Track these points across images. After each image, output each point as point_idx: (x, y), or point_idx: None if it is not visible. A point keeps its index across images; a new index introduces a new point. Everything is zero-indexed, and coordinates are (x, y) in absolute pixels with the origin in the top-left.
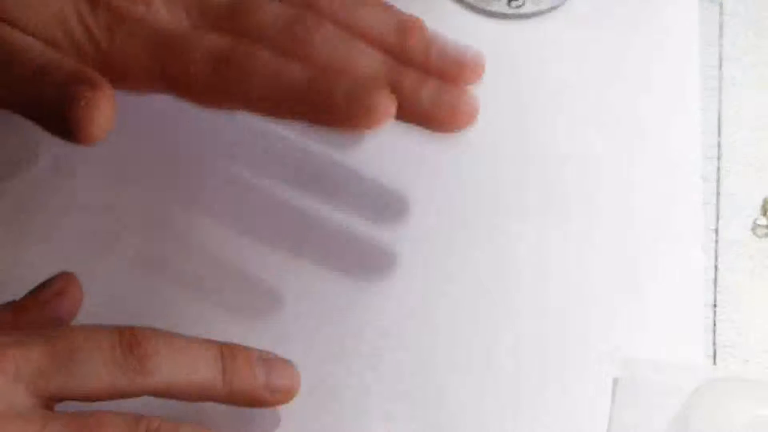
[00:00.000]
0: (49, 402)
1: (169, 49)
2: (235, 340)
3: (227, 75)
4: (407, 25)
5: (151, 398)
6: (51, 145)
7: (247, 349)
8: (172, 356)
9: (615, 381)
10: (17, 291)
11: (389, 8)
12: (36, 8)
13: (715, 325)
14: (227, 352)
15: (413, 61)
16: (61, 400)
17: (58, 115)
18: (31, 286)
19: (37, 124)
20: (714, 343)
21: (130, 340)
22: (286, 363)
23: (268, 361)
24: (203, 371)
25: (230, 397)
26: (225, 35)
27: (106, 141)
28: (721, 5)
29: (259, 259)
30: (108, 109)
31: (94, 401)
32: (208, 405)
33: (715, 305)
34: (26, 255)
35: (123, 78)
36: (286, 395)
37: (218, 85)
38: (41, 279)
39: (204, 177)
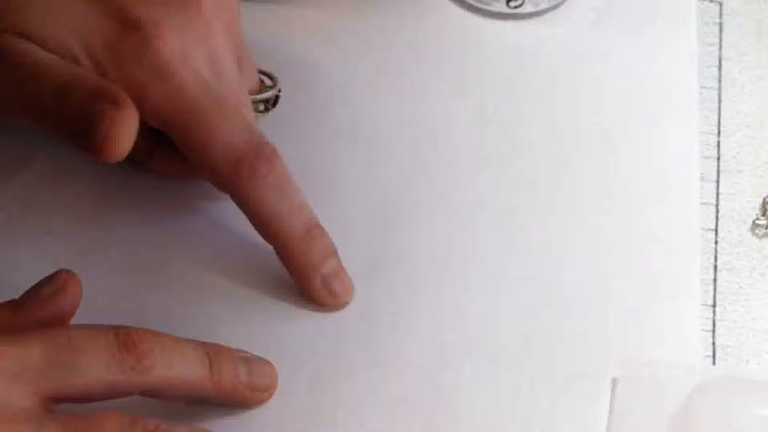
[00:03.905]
0: (48, 402)
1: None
2: (235, 341)
3: None
4: None
5: (148, 401)
6: (48, 149)
7: (228, 348)
8: (166, 355)
9: (615, 381)
10: (15, 293)
11: None
12: (57, 24)
13: (714, 325)
14: (212, 350)
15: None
16: (59, 400)
17: (82, 131)
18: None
19: (62, 139)
20: (714, 343)
21: (126, 339)
22: (266, 362)
23: (249, 360)
24: (193, 369)
25: (217, 396)
26: None
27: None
28: (721, 5)
29: (257, 259)
30: (131, 126)
31: (91, 401)
32: (205, 408)
33: (714, 305)
34: (24, 256)
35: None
36: (265, 394)
37: None
38: (38, 280)
39: (200, 177)
